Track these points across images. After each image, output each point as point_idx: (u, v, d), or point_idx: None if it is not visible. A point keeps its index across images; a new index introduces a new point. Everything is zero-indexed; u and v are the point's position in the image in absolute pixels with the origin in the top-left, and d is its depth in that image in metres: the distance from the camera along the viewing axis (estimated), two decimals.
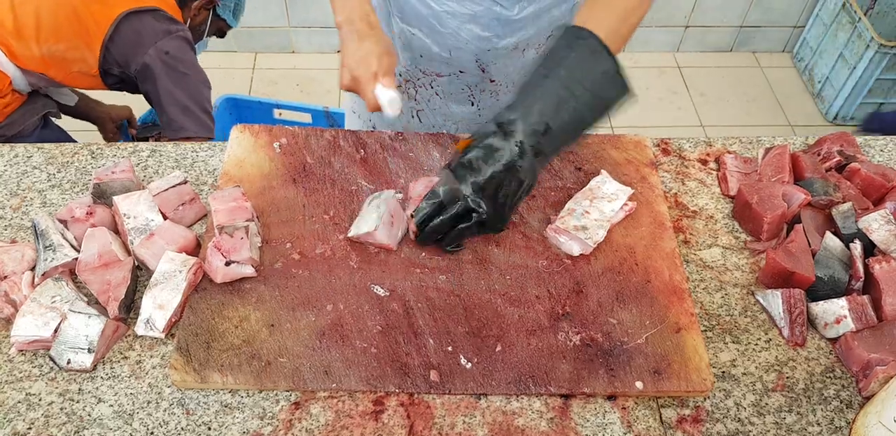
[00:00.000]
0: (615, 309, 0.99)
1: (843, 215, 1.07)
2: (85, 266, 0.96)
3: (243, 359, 0.92)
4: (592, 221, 1.05)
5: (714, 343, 0.99)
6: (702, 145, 1.24)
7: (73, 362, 0.91)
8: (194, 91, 1.69)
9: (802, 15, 2.98)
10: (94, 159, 1.17)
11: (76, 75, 1.66)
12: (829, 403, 0.93)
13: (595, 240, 1.03)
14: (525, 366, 0.93)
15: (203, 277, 0.98)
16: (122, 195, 1.03)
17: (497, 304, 0.99)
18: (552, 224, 1.05)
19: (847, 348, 0.96)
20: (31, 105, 1.71)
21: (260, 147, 1.16)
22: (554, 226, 1.05)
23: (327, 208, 1.09)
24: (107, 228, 1.01)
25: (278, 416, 0.90)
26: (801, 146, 1.24)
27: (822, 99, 2.85)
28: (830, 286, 1.01)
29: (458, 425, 0.89)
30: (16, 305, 0.96)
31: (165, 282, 0.95)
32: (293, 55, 3.06)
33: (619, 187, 1.10)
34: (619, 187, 1.10)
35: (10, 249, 1.00)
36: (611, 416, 0.91)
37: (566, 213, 1.06)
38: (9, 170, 1.16)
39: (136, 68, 1.63)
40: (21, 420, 0.89)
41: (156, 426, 0.88)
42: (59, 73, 1.64)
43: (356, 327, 0.96)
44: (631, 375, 0.92)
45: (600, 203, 1.07)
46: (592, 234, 1.03)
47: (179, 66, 1.65)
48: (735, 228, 1.12)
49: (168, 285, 0.95)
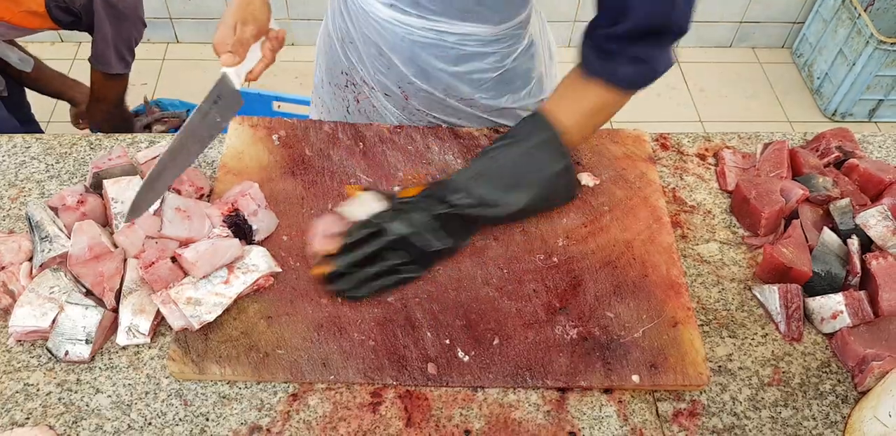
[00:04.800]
0: (612, 303, 0.99)
1: (841, 211, 1.07)
2: (76, 260, 0.96)
3: (241, 350, 0.92)
4: (212, 295, 0.93)
5: (711, 338, 0.99)
6: (700, 140, 1.24)
7: (72, 354, 0.91)
8: (127, 31, 1.72)
9: (802, 11, 2.98)
10: (93, 150, 1.17)
11: (25, 15, 1.63)
12: (825, 397, 0.94)
13: (203, 321, 0.91)
14: (522, 359, 0.93)
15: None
16: (113, 179, 1.04)
17: (494, 297, 0.99)
18: (167, 292, 0.92)
19: (843, 343, 0.96)
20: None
21: (259, 139, 1.16)
22: (164, 294, 0.92)
23: (326, 201, 1.08)
24: (94, 221, 1.01)
25: (276, 407, 0.90)
26: (799, 142, 1.24)
27: (820, 95, 2.85)
28: (827, 282, 1.01)
29: (456, 417, 0.90)
30: (14, 295, 0.96)
31: (140, 289, 0.95)
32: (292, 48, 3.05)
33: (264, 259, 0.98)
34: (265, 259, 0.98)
35: (7, 240, 1.00)
36: (607, 409, 0.91)
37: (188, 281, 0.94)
38: (7, 160, 1.15)
39: (82, 2, 1.63)
40: (19, 410, 0.89)
41: (154, 417, 0.89)
42: (5, 13, 1.61)
43: (354, 320, 0.96)
44: (627, 368, 0.93)
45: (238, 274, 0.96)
46: (203, 312, 0.92)
47: (119, 4, 1.67)
48: (733, 224, 1.12)
49: (144, 291, 0.95)
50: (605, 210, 1.09)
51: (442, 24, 1.05)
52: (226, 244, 0.96)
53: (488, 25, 1.07)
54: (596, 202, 1.10)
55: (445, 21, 1.05)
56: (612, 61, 0.95)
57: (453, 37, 1.07)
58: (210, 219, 0.99)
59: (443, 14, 1.04)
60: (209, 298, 0.93)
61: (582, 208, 1.09)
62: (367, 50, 1.18)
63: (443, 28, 1.06)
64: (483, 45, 1.09)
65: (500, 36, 1.09)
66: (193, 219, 0.99)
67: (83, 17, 1.67)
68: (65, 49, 2.84)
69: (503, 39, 1.10)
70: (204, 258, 0.94)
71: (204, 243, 0.95)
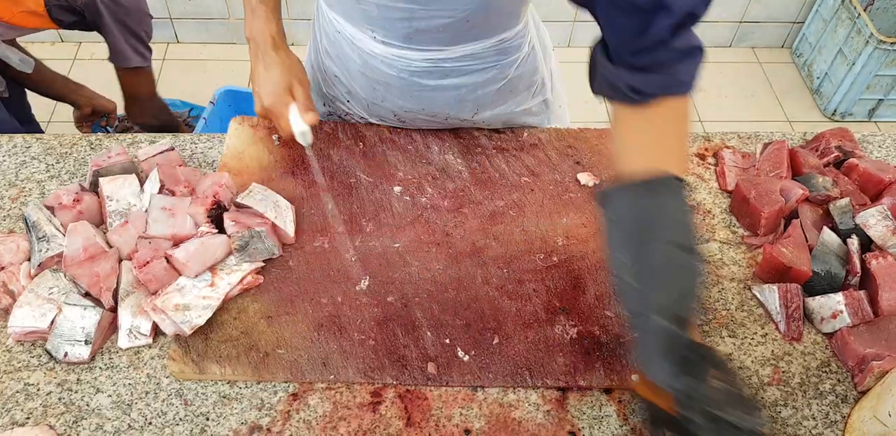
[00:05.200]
0: (612, 303, 0.99)
1: (841, 211, 1.07)
2: (71, 261, 0.96)
3: (241, 350, 0.92)
4: (200, 299, 0.93)
5: (710, 337, 0.99)
6: (700, 140, 1.24)
7: (71, 355, 0.91)
8: (135, 24, 1.73)
9: (802, 11, 2.98)
10: (93, 150, 1.17)
11: (24, 15, 1.62)
12: (825, 397, 0.94)
13: (193, 325, 0.91)
14: (522, 359, 0.93)
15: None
16: (109, 178, 1.04)
17: (494, 297, 0.99)
18: (154, 302, 0.93)
19: (843, 342, 0.96)
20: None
21: (259, 139, 1.16)
22: (151, 303, 0.93)
23: (326, 201, 1.08)
24: (90, 219, 1.02)
25: (276, 407, 0.90)
26: (799, 142, 1.24)
27: (820, 95, 2.85)
28: (827, 281, 1.01)
29: (456, 416, 0.90)
30: (14, 295, 0.96)
31: (137, 291, 0.95)
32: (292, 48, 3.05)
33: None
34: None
35: (6, 240, 1.00)
36: (607, 409, 0.91)
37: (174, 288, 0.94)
38: (7, 160, 1.15)
39: (84, 1, 1.63)
40: (19, 410, 0.89)
41: (154, 416, 0.89)
42: (4, 13, 1.60)
43: (354, 319, 0.96)
44: (627, 368, 0.93)
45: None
46: (193, 316, 0.92)
47: (121, 1, 1.67)
48: (732, 223, 1.12)
49: (141, 293, 0.95)
50: None
51: (438, 52, 1.03)
52: (215, 242, 0.96)
53: (484, 42, 1.04)
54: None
55: (441, 48, 1.03)
56: (663, 70, 0.81)
57: (450, 61, 1.05)
58: (194, 218, 0.99)
59: (437, 42, 1.02)
60: (197, 302, 0.93)
61: (582, 208, 1.09)
62: (357, 84, 1.14)
63: (440, 55, 1.04)
64: (483, 61, 1.07)
65: (499, 49, 1.07)
66: (177, 215, 0.99)
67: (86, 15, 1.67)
68: (65, 49, 2.83)
69: (502, 52, 1.08)
70: (194, 258, 0.94)
71: (193, 243, 0.95)
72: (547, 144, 1.18)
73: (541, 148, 1.17)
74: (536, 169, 1.14)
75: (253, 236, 0.97)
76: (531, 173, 1.14)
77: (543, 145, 1.18)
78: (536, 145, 1.18)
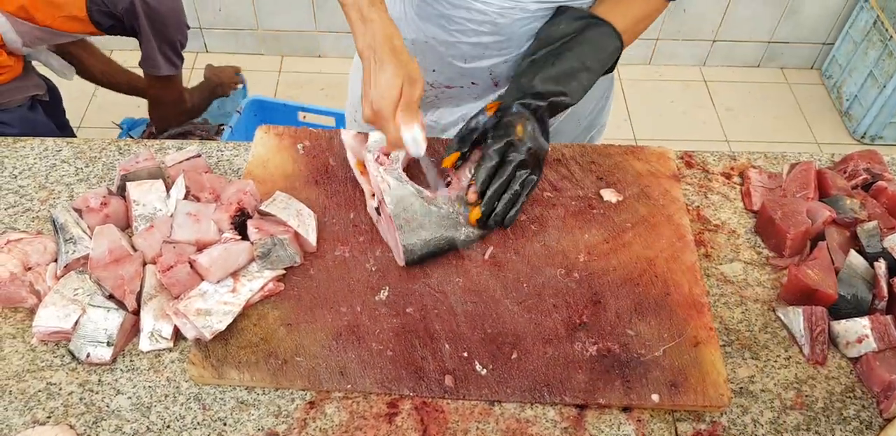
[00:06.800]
0: (633, 321, 0.98)
1: (869, 234, 1.05)
2: (97, 263, 0.97)
3: (260, 357, 0.93)
4: (221, 304, 0.93)
5: (732, 358, 0.98)
6: (726, 159, 1.23)
7: (93, 356, 0.92)
8: (172, 32, 1.78)
9: (832, 32, 2.96)
10: (122, 155, 1.19)
11: (65, 20, 1.67)
12: (849, 423, 0.92)
13: (214, 330, 0.92)
14: (540, 374, 0.93)
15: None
16: (136, 182, 1.06)
17: (514, 311, 0.99)
18: (176, 306, 0.93)
19: (868, 368, 0.94)
20: (22, 82, 1.72)
21: (284, 148, 1.17)
22: (174, 307, 0.93)
23: (348, 210, 1.09)
24: (117, 223, 1.03)
25: (293, 414, 0.90)
26: (826, 163, 1.23)
27: (849, 117, 2.82)
28: (853, 305, 1.00)
29: (472, 430, 0.89)
30: (40, 295, 0.97)
31: (160, 294, 0.97)
32: (319, 59, 3.09)
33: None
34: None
35: (34, 241, 1.02)
36: (626, 428, 0.90)
37: (196, 293, 0.95)
38: (38, 163, 1.18)
39: (124, 6, 1.67)
40: (41, 409, 0.90)
41: (172, 420, 0.89)
42: (46, 17, 1.64)
43: (372, 329, 0.96)
44: (647, 387, 0.92)
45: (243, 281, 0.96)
46: (214, 321, 0.92)
47: (161, 8, 1.71)
48: (757, 244, 1.11)
49: (164, 297, 0.96)
50: (628, 227, 1.09)
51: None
52: (238, 248, 0.97)
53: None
54: (618, 219, 1.10)
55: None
56: None
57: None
58: (218, 224, 1.00)
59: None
60: (218, 308, 0.94)
61: (604, 224, 1.09)
62: (455, 49, 1.18)
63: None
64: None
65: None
66: (201, 221, 1.00)
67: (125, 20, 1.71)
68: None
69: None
70: (217, 263, 0.95)
71: (216, 249, 0.96)
72: (570, 160, 1.18)
73: (564, 163, 1.17)
74: (559, 184, 1.14)
75: (275, 244, 0.97)
76: (553, 188, 1.14)
77: (566, 160, 1.18)
78: (559, 160, 1.18)
